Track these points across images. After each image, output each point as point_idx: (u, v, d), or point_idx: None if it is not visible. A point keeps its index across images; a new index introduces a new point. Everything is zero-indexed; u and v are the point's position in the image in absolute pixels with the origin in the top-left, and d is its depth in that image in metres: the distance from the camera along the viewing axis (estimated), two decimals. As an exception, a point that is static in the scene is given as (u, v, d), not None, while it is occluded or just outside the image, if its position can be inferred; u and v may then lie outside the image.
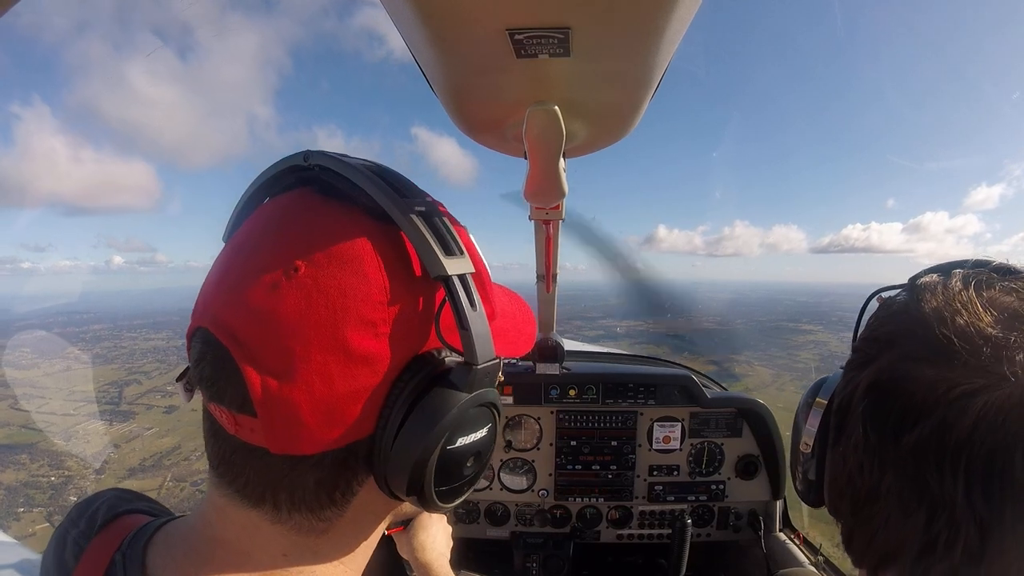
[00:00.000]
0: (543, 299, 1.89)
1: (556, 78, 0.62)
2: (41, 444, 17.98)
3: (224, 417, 0.49)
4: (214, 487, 0.54)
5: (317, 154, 0.52)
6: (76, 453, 17.40)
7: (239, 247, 0.51)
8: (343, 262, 0.47)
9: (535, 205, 1.19)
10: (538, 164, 0.81)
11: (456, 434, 0.50)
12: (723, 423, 2.20)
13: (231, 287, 0.48)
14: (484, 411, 0.53)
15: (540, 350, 2.13)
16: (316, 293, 0.46)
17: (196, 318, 0.51)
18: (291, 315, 0.45)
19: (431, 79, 0.67)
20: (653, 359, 2.86)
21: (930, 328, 0.52)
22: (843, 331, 18.06)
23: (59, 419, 18.04)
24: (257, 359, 0.45)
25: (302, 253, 0.47)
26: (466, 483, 0.56)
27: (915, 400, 0.51)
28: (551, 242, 1.50)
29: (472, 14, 0.50)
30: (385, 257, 0.49)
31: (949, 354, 0.50)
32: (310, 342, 0.45)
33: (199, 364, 0.50)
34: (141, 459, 17.13)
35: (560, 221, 1.33)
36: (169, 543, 0.54)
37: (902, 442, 0.51)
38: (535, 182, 0.89)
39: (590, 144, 0.82)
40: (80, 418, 14.94)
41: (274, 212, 0.53)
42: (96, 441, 15.78)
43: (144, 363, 40.13)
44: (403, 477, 0.49)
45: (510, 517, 2.29)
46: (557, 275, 1.72)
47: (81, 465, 17.03)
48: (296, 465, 0.49)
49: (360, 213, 0.51)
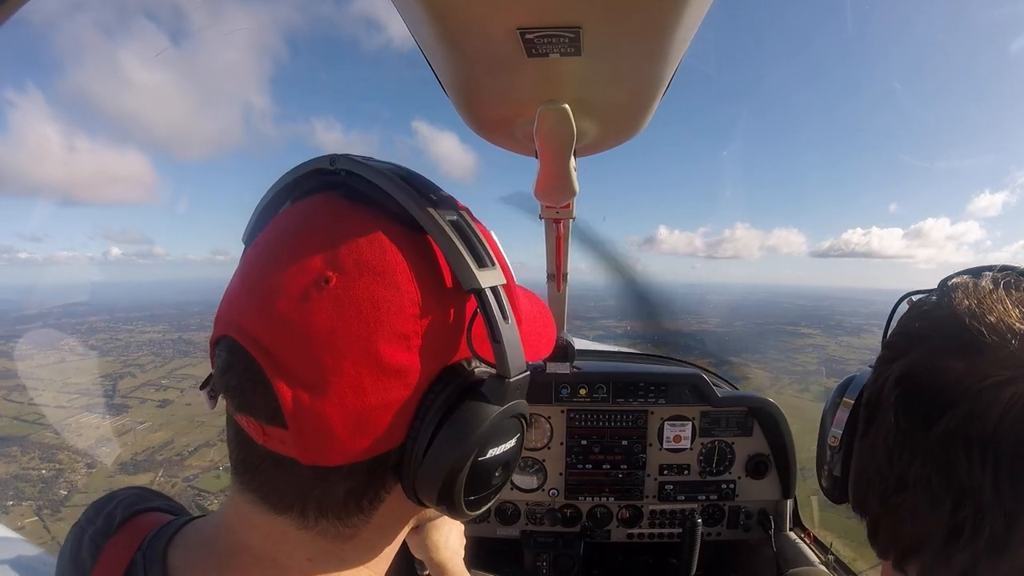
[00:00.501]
0: (553, 298, 1.89)
1: (567, 77, 0.62)
2: (33, 436, 18.00)
3: (252, 427, 0.48)
4: (238, 492, 0.53)
5: (343, 158, 0.51)
6: (69, 446, 17.50)
7: (264, 254, 0.50)
8: (375, 273, 0.47)
9: (546, 204, 1.19)
10: (549, 163, 0.81)
11: (488, 446, 0.50)
12: (734, 422, 2.19)
13: (258, 296, 0.47)
14: (514, 422, 0.53)
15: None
16: (348, 305, 0.45)
17: (221, 326, 0.50)
18: (323, 328, 0.45)
19: (442, 78, 0.67)
20: (664, 358, 2.85)
21: (961, 323, 0.54)
22: (841, 335, 17.86)
23: (52, 411, 18.11)
24: (288, 371, 0.45)
25: (332, 263, 0.47)
26: (493, 491, 0.56)
27: (945, 390, 0.52)
28: (561, 241, 1.50)
29: (483, 14, 0.50)
30: (416, 268, 0.48)
31: (979, 347, 0.51)
32: (342, 355, 0.45)
33: (225, 373, 0.49)
34: (133, 454, 17.12)
35: (571, 220, 1.33)
36: (190, 545, 0.54)
37: (932, 431, 0.52)
38: (546, 181, 0.89)
39: (601, 143, 0.82)
40: (73, 411, 15.01)
41: (300, 217, 0.52)
42: (88, 434, 15.85)
43: (139, 356, 39.94)
44: (434, 487, 0.49)
45: (520, 516, 2.29)
46: (568, 274, 1.72)
47: (72, 459, 17.13)
48: (326, 476, 0.49)
49: (389, 221, 0.49)
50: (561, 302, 1.91)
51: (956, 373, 0.52)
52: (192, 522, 0.58)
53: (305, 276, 0.46)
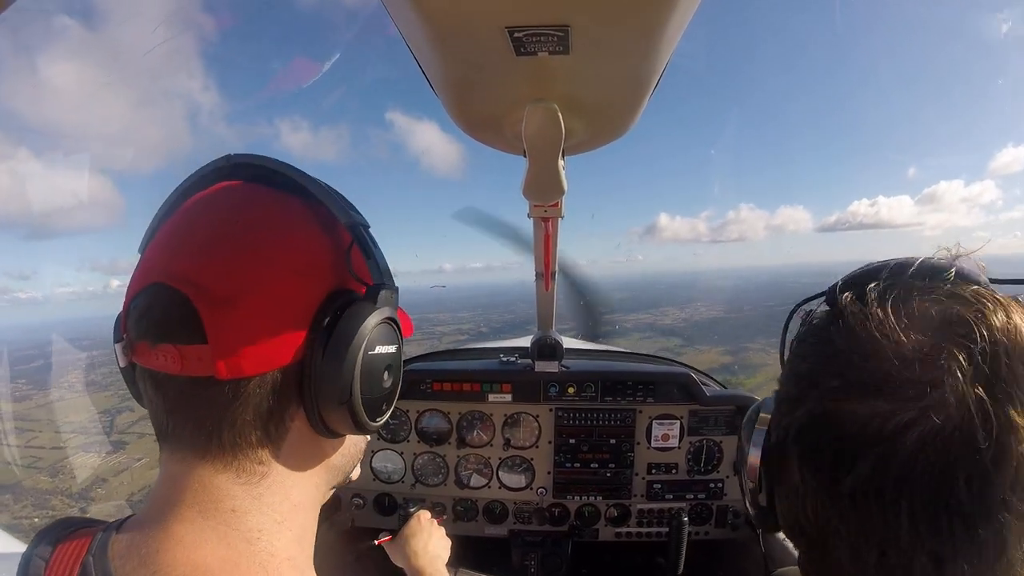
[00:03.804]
0: (542, 297, 1.89)
1: (555, 76, 0.62)
2: (27, 482, 17.47)
3: (170, 357, 0.54)
4: (164, 458, 0.59)
5: (238, 156, 0.64)
6: (63, 490, 16.98)
7: (173, 223, 0.61)
8: (273, 222, 0.60)
9: (534, 203, 1.19)
10: (537, 162, 0.81)
11: (373, 343, 0.60)
12: (722, 421, 2.20)
13: (176, 248, 0.58)
14: (390, 328, 0.63)
15: (539, 348, 2.13)
16: (255, 242, 0.57)
17: (140, 281, 0.58)
18: (234, 259, 0.56)
19: (430, 77, 0.67)
20: (652, 356, 2.86)
21: (850, 361, 0.50)
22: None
23: (47, 453, 17.59)
24: (208, 292, 0.54)
25: (236, 215, 0.59)
26: (385, 398, 0.64)
27: (848, 440, 0.49)
28: (550, 240, 1.50)
29: (471, 12, 0.50)
30: (302, 214, 0.62)
31: (876, 385, 0.48)
32: (254, 279, 0.55)
33: (147, 314, 0.56)
34: (129, 494, 16.52)
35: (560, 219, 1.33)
36: (129, 530, 0.56)
37: (842, 485, 0.50)
38: (534, 180, 0.89)
39: (589, 142, 0.82)
40: (69, 451, 14.59)
41: (205, 196, 0.63)
42: (83, 475, 15.40)
43: (138, 389, 39.26)
44: (332, 385, 0.57)
45: (508, 515, 2.29)
46: (556, 273, 1.72)
47: (65, 503, 16.67)
48: (238, 393, 0.55)
49: (282, 191, 0.62)
50: (550, 301, 1.91)
51: (856, 419, 0.48)
52: (129, 519, 0.59)
53: (217, 225, 0.59)
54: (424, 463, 2.26)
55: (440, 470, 2.26)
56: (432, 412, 2.23)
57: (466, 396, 2.21)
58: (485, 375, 2.21)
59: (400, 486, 2.28)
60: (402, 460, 2.26)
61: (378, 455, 2.26)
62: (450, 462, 2.25)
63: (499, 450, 2.23)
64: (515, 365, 2.24)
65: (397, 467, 2.27)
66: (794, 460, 0.56)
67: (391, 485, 2.28)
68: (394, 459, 2.26)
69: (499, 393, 2.19)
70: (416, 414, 2.23)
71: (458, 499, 2.29)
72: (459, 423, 2.22)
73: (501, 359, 2.28)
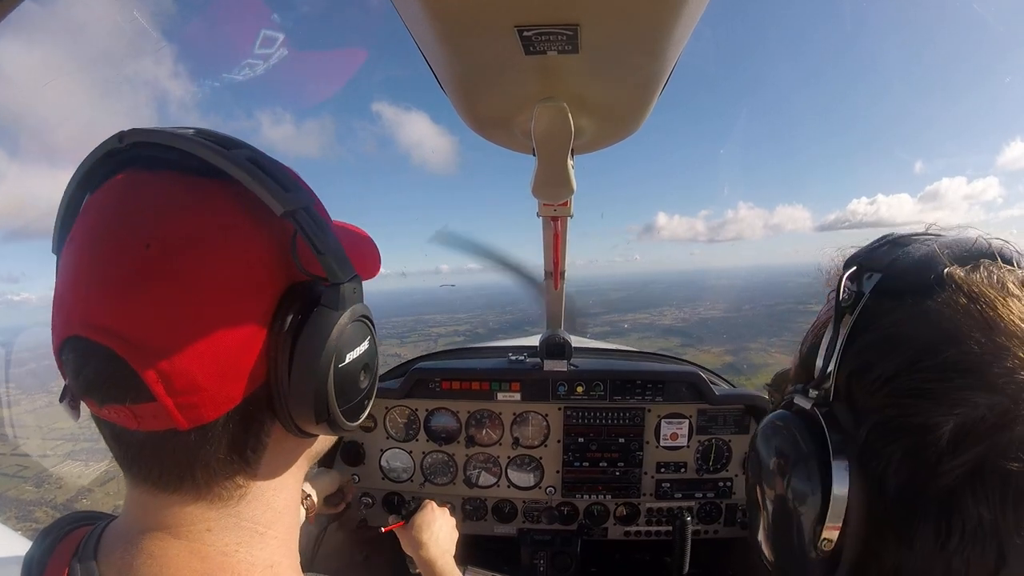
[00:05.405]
0: (551, 296, 1.89)
1: (564, 75, 0.62)
2: (11, 492, 17.28)
3: (123, 416, 0.49)
4: (131, 488, 0.54)
5: (131, 132, 0.51)
6: (47, 501, 16.89)
7: (81, 249, 0.50)
8: (191, 234, 0.48)
9: (543, 202, 1.20)
10: (546, 161, 0.81)
11: (344, 351, 0.53)
12: (731, 420, 2.19)
13: (93, 290, 0.48)
14: (361, 325, 0.56)
15: (548, 347, 2.14)
16: (177, 268, 0.47)
17: (61, 331, 0.49)
18: (160, 295, 0.46)
19: (440, 76, 0.68)
20: (661, 356, 2.85)
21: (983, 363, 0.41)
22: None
23: (34, 461, 17.51)
24: (140, 345, 0.46)
25: (150, 234, 0.47)
26: (365, 396, 0.59)
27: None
28: (559, 239, 1.50)
29: (481, 11, 0.50)
30: (229, 210, 0.51)
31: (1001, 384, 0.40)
32: (185, 313, 0.47)
33: (81, 373, 0.49)
34: (115, 506, 16.34)
35: (569, 218, 1.33)
36: (111, 545, 0.55)
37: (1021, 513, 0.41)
38: (544, 178, 0.89)
39: (598, 141, 0.82)
40: (56, 459, 14.50)
41: (105, 203, 0.52)
42: (69, 485, 15.27)
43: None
44: (307, 406, 0.51)
45: (517, 514, 2.30)
46: (565, 272, 1.72)
47: (49, 516, 16.53)
48: (205, 436, 0.50)
49: (192, 176, 0.51)
50: (559, 300, 1.92)
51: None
52: (111, 523, 0.58)
53: (128, 253, 0.47)
54: (433, 462, 2.27)
55: (449, 469, 2.27)
56: (441, 411, 2.24)
57: (475, 395, 2.21)
58: (494, 374, 2.21)
59: (409, 485, 2.29)
60: (411, 459, 2.27)
61: (387, 454, 2.27)
62: (459, 461, 2.26)
63: (508, 449, 2.23)
64: (524, 364, 2.24)
65: (406, 466, 2.28)
66: (969, 502, 0.42)
67: (400, 484, 2.29)
68: (403, 458, 2.27)
69: (508, 392, 2.19)
70: (425, 413, 2.24)
71: (467, 498, 2.29)
72: (468, 422, 2.23)
73: (510, 358, 2.29)
